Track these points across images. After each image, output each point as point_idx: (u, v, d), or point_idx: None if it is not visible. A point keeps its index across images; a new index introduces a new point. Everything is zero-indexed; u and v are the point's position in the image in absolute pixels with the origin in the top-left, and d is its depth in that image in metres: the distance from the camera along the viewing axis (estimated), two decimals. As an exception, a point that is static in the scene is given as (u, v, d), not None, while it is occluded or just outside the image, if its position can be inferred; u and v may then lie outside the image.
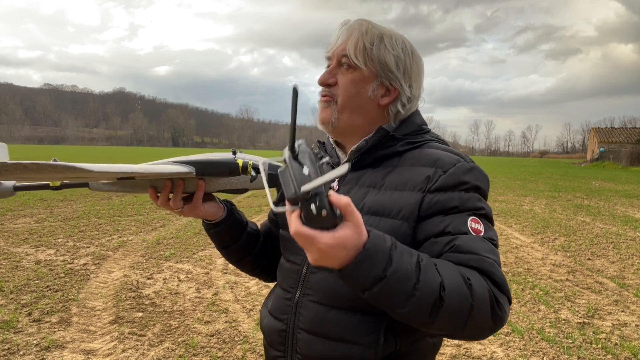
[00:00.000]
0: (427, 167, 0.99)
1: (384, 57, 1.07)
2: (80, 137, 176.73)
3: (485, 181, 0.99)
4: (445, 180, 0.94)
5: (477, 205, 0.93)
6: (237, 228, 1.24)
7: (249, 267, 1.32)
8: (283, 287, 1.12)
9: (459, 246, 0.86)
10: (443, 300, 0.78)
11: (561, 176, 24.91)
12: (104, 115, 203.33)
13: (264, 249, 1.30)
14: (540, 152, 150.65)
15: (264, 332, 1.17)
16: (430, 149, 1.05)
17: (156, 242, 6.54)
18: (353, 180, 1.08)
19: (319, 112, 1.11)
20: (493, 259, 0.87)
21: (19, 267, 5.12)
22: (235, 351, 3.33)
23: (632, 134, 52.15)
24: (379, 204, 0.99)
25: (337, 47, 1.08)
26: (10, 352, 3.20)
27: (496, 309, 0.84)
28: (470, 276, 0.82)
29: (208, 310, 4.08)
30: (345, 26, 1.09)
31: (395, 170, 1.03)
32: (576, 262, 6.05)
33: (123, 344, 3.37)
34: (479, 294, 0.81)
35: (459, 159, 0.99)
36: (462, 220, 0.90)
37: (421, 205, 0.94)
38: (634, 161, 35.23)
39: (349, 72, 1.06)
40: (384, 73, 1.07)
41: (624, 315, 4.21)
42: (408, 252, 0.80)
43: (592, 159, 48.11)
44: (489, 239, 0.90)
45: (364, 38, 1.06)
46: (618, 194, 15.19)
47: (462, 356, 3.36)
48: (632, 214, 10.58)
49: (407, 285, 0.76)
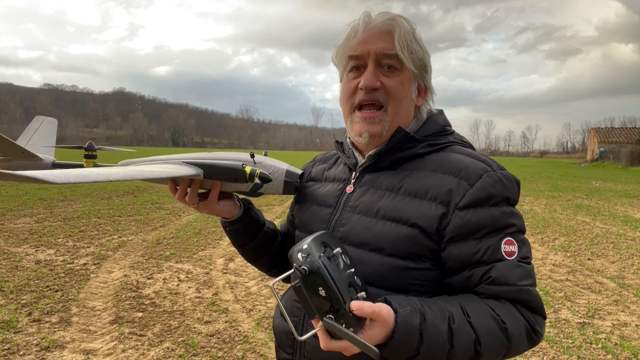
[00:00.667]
0: (450, 176, 0.94)
1: (422, 55, 1.02)
2: (80, 137, 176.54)
3: (514, 189, 0.96)
4: (473, 195, 0.91)
5: (508, 223, 0.91)
6: (254, 227, 1.22)
7: (266, 266, 1.31)
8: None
9: (495, 279, 0.88)
10: (480, 355, 0.83)
11: (561, 176, 24.90)
12: (104, 115, 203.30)
13: (281, 249, 1.29)
14: (540, 152, 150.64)
15: (275, 332, 1.16)
16: (454, 153, 1.00)
17: (156, 242, 6.54)
18: (369, 182, 1.05)
19: (365, 124, 1.00)
20: (528, 285, 0.89)
21: (19, 267, 5.12)
22: (235, 351, 3.33)
23: (632, 134, 52.14)
24: (395, 209, 0.96)
25: (374, 45, 0.97)
26: (10, 352, 3.20)
27: (532, 337, 0.90)
28: (505, 317, 0.86)
29: (208, 310, 4.08)
30: (378, 21, 0.98)
31: (415, 175, 0.99)
32: (576, 262, 6.05)
33: (123, 344, 3.37)
34: (514, 335, 0.86)
35: (485, 168, 0.94)
36: (496, 245, 0.89)
37: (449, 223, 0.90)
38: (634, 161, 35.23)
39: (395, 74, 0.99)
40: (420, 72, 1.03)
41: (624, 315, 4.21)
42: (439, 319, 0.81)
43: (592, 159, 48.12)
44: (523, 258, 0.91)
45: (407, 35, 0.98)
46: (618, 194, 15.19)
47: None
48: (632, 214, 10.58)
49: (442, 354, 0.81)
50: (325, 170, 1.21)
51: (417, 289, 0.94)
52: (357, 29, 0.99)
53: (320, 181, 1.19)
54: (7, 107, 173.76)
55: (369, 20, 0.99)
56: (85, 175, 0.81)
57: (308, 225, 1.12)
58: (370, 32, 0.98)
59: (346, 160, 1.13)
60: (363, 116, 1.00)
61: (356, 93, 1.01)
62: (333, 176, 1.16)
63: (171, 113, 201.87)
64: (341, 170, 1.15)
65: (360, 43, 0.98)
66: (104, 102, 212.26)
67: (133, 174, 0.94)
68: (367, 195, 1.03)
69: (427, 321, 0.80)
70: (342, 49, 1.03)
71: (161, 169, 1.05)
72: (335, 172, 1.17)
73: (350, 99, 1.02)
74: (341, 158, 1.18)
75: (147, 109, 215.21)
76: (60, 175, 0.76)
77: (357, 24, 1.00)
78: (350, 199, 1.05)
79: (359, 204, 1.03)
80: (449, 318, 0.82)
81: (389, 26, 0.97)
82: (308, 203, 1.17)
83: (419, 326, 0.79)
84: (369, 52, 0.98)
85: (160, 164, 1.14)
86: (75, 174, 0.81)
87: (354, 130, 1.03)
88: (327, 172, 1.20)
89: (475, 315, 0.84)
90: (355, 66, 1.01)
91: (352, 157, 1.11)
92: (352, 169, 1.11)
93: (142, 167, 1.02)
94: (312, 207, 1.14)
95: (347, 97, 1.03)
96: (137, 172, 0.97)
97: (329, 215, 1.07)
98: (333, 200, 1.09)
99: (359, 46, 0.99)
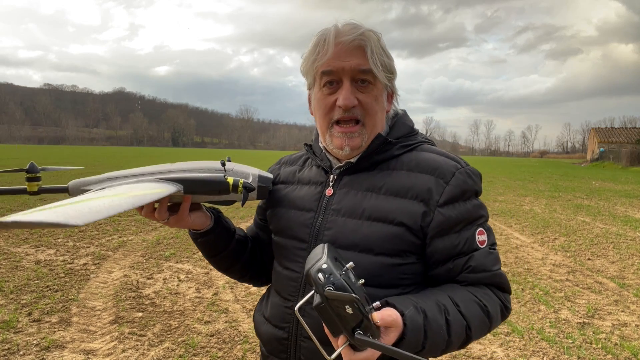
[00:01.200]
0: (427, 174, 1.02)
1: (390, 64, 1.05)
2: (80, 137, 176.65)
3: (479, 180, 1.06)
4: (450, 192, 0.99)
5: (479, 214, 1.03)
6: (225, 236, 1.19)
7: (238, 274, 1.29)
8: (282, 295, 1.10)
9: (474, 267, 0.99)
10: (470, 338, 0.94)
11: (561, 176, 24.91)
12: (104, 115, 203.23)
13: (252, 255, 1.27)
14: (540, 152, 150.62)
15: (262, 338, 1.15)
16: (425, 152, 1.07)
17: (156, 242, 6.54)
18: (349, 184, 1.07)
19: (345, 139, 1.03)
20: (499, 269, 1.03)
21: (19, 267, 5.12)
22: (235, 351, 3.33)
23: (632, 134, 52.13)
24: (380, 209, 1.00)
25: (348, 61, 0.99)
26: (10, 352, 3.20)
27: (505, 313, 1.03)
28: (486, 301, 0.98)
29: (208, 310, 4.08)
30: (348, 37, 0.99)
31: (394, 175, 1.04)
32: (576, 262, 6.05)
33: (123, 344, 3.37)
34: (494, 316, 0.98)
35: (456, 165, 1.03)
36: (472, 236, 1.00)
37: (432, 220, 0.98)
38: (634, 161, 35.22)
39: (369, 89, 1.02)
40: (389, 81, 1.06)
41: (624, 315, 4.21)
42: (437, 313, 0.89)
43: (592, 159, 48.12)
44: (491, 245, 1.03)
45: (377, 49, 1.01)
46: (618, 194, 15.19)
47: (462, 356, 3.36)
48: (632, 214, 10.58)
49: (442, 344, 0.90)
50: (297, 173, 1.20)
51: (404, 282, 1.01)
52: (327, 43, 1.00)
53: (293, 184, 1.18)
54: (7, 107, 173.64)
55: (338, 33, 1.00)
56: (97, 211, 0.78)
57: (290, 230, 1.11)
58: (341, 47, 0.99)
59: (320, 163, 1.13)
60: (343, 131, 1.03)
61: (334, 109, 1.03)
62: (308, 179, 1.15)
63: (171, 113, 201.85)
64: (316, 173, 1.15)
65: (334, 59, 0.99)
66: (104, 102, 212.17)
67: (135, 200, 0.90)
68: (349, 197, 1.05)
69: (429, 317, 0.87)
70: (313, 63, 1.03)
71: (152, 191, 0.99)
72: (309, 174, 1.16)
73: (328, 115, 1.05)
74: (310, 160, 1.19)
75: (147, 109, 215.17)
76: (77, 216, 0.73)
77: (326, 37, 1.00)
78: (332, 201, 1.07)
79: (342, 206, 1.05)
80: (444, 311, 0.90)
81: (361, 42, 0.99)
82: (284, 207, 1.15)
83: (423, 323, 0.86)
84: (344, 69, 0.99)
85: (137, 182, 1.06)
86: (89, 210, 0.78)
87: (334, 144, 1.06)
88: (299, 175, 1.18)
89: (463, 304, 0.93)
90: (329, 81, 1.03)
91: (326, 160, 1.12)
92: (328, 171, 1.11)
93: (133, 192, 0.96)
94: (290, 211, 1.13)
95: (324, 113, 1.05)
96: (137, 198, 0.92)
97: (311, 219, 1.07)
98: (313, 204, 1.09)
99: (333, 62, 1.00)
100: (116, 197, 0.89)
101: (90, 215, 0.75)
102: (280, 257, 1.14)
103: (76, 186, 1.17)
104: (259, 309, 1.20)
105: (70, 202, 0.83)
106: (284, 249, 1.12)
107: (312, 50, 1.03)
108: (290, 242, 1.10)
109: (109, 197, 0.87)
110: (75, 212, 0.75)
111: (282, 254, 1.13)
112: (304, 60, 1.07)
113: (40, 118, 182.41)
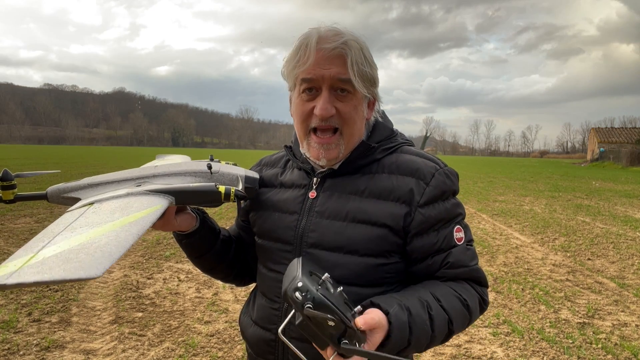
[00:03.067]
0: (408, 176, 1.04)
1: (372, 73, 1.04)
2: (80, 137, 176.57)
3: (456, 180, 1.09)
4: (430, 193, 1.02)
5: (457, 213, 1.06)
6: (211, 237, 1.19)
7: (222, 274, 1.28)
8: (268, 296, 1.10)
9: (452, 263, 1.02)
10: (452, 332, 0.97)
11: (561, 176, 24.91)
12: (104, 115, 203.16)
13: (237, 254, 1.26)
14: (540, 152, 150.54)
15: (249, 341, 1.15)
16: (404, 154, 1.09)
17: (156, 242, 6.54)
18: (332, 187, 1.08)
19: (322, 150, 1.03)
20: (476, 264, 1.06)
21: (19, 267, 5.12)
22: (235, 351, 3.33)
23: (632, 134, 52.14)
24: (364, 211, 1.02)
25: (328, 70, 0.98)
26: (10, 352, 3.20)
27: (483, 306, 1.07)
28: (466, 295, 1.01)
29: (208, 310, 4.08)
30: (329, 44, 0.98)
31: (376, 178, 1.06)
32: (576, 262, 6.05)
33: (123, 344, 3.37)
34: (473, 310, 1.02)
35: (435, 167, 1.06)
36: (450, 234, 1.04)
37: (412, 220, 1.01)
38: (634, 161, 35.21)
39: (348, 98, 1.02)
40: (371, 90, 1.06)
41: (624, 315, 4.21)
42: (420, 309, 0.91)
43: (592, 159, 48.10)
44: (468, 242, 1.07)
45: (359, 59, 1.00)
46: (618, 194, 15.19)
47: (462, 356, 3.36)
48: (632, 214, 10.58)
49: (426, 339, 0.92)
50: (279, 176, 1.19)
51: (388, 280, 1.04)
52: (309, 49, 0.99)
53: (275, 187, 1.18)
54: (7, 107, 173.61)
55: (320, 38, 0.99)
56: (110, 254, 0.75)
57: (274, 233, 1.11)
58: (322, 55, 0.98)
59: (301, 165, 1.13)
60: (320, 142, 1.03)
61: (311, 117, 1.03)
62: (290, 182, 1.15)
63: (171, 113, 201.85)
64: (298, 176, 1.15)
65: (314, 66, 0.99)
66: (104, 102, 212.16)
67: (138, 229, 0.86)
68: (333, 200, 1.06)
69: (413, 314, 0.90)
70: (294, 69, 1.03)
71: (150, 211, 0.94)
72: (292, 177, 1.16)
73: (306, 121, 1.05)
74: (291, 162, 1.19)
75: (147, 109, 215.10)
76: (94, 265, 0.71)
77: (308, 42, 0.99)
78: (316, 204, 1.07)
79: (325, 209, 1.06)
80: (427, 306, 0.93)
81: (342, 50, 0.98)
82: (268, 210, 1.14)
83: (407, 320, 0.88)
84: (323, 77, 0.99)
85: (127, 197, 1.02)
86: (102, 254, 0.75)
87: (311, 154, 1.07)
88: (282, 178, 1.18)
89: (444, 299, 0.97)
90: (308, 88, 1.02)
91: (307, 163, 1.12)
92: (310, 173, 1.11)
93: (132, 215, 0.91)
94: (273, 214, 1.13)
95: (302, 119, 1.05)
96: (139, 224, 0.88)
97: (295, 221, 1.08)
98: (297, 207, 1.09)
99: (313, 70, 0.99)
100: (118, 228, 0.85)
101: (104, 260, 0.73)
102: (266, 259, 1.14)
103: (55, 193, 1.13)
104: (245, 311, 1.21)
105: (75, 242, 0.80)
106: (269, 252, 1.12)
107: (293, 55, 1.02)
108: (275, 244, 1.11)
109: (113, 231, 0.84)
110: (90, 260, 0.73)
111: (267, 257, 1.13)
112: (285, 63, 1.06)
113: (40, 118, 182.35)
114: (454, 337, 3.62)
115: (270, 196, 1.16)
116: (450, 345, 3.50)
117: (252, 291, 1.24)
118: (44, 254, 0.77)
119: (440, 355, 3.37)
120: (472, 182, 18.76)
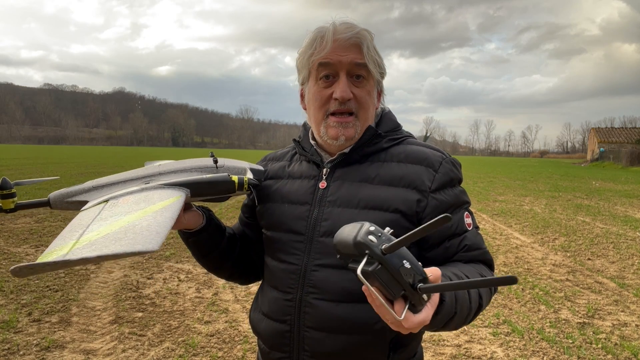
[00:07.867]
0: (416, 165, 1.08)
1: (382, 63, 1.11)
2: (80, 137, 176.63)
3: (460, 169, 1.14)
4: (440, 180, 1.06)
5: (464, 199, 1.11)
6: (217, 235, 1.18)
7: (227, 272, 1.28)
8: (280, 289, 1.10)
9: (469, 246, 1.06)
10: (482, 306, 0.99)
11: (561, 176, 24.91)
12: (104, 115, 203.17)
13: (242, 252, 1.26)
14: (540, 152, 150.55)
15: (261, 335, 1.14)
16: (411, 145, 1.13)
17: (156, 242, 6.53)
18: (342, 176, 1.10)
19: (339, 128, 1.07)
20: (485, 247, 1.10)
21: (19, 267, 5.12)
22: (235, 351, 3.33)
23: (632, 134, 52.13)
24: (375, 198, 1.04)
25: (345, 56, 1.04)
26: (10, 352, 3.20)
27: (493, 291, 1.10)
28: (486, 274, 1.04)
29: (208, 310, 4.08)
30: (346, 34, 1.04)
31: (385, 166, 1.09)
32: (576, 262, 6.05)
33: (123, 344, 3.37)
34: (492, 289, 1.05)
35: (442, 156, 1.10)
36: (461, 219, 1.07)
37: (427, 205, 1.04)
38: (634, 161, 35.20)
39: (363, 84, 1.07)
40: (381, 77, 1.12)
41: (624, 315, 4.21)
42: (459, 280, 0.92)
43: (592, 159, 48.10)
44: (476, 227, 1.11)
45: (372, 46, 1.06)
46: (618, 194, 15.19)
47: (462, 356, 3.36)
48: (632, 214, 10.58)
49: (467, 310, 0.92)
50: (286, 168, 1.21)
51: None
52: (326, 38, 1.05)
53: (283, 178, 1.19)
54: (7, 107, 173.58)
55: (335, 30, 1.05)
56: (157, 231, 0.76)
57: (284, 224, 1.11)
58: (339, 43, 1.04)
59: (310, 157, 1.15)
60: (339, 121, 1.07)
61: (329, 102, 1.07)
62: (299, 173, 1.17)
63: (171, 113, 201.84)
64: (307, 167, 1.16)
65: (332, 52, 1.04)
66: (104, 102, 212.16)
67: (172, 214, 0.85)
68: (344, 189, 1.08)
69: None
70: (310, 57, 1.07)
71: (174, 199, 0.93)
72: (300, 169, 1.17)
73: (324, 106, 1.09)
74: (297, 156, 1.22)
75: (147, 109, 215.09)
76: (152, 239, 0.72)
77: (325, 33, 1.05)
78: (327, 194, 1.09)
79: (337, 197, 1.07)
80: (462, 279, 0.93)
81: (357, 39, 1.04)
82: (277, 202, 1.15)
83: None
84: (341, 62, 1.04)
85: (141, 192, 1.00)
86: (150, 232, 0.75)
87: (329, 135, 1.09)
88: (289, 169, 1.20)
89: (471, 275, 0.98)
90: (326, 75, 1.07)
91: (316, 155, 1.14)
92: (320, 164, 1.13)
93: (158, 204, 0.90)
94: (283, 205, 1.13)
95: (320, 105, 1.09)
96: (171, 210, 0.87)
97: (307, 212, 1.09)
98: (308, 197, 1.11)
99: (331, 55, 1.04)
100: (152, 213, 0.85)
101: (157, 235, 0.74)
102: (275, 251, 1.13)
103: (59, 198, 1.11)
104: (255, 307, 1.20)
105: (115, 227, 0.79)
106: (279, 243, 1.12)
107: (308, 45, 1.08)
108: (286, 235, 1.11)
109: (149, 215, 0.83)
110: (142, 237, 0.73)
111: (277, 248, 1.13)
112: (299, 55, 1.11)
113: (40, 118, 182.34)
114: (454, 337, 3.62)
115: (279, 188, 1.17)
116: (450, 345, 3.50)
117: (260, 287, 1.24)
118: (87, 238, 0.77)
119: (440, 356, 3.37)
120: (472, 182, 18.75)
